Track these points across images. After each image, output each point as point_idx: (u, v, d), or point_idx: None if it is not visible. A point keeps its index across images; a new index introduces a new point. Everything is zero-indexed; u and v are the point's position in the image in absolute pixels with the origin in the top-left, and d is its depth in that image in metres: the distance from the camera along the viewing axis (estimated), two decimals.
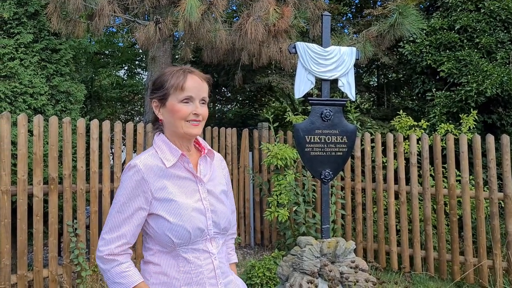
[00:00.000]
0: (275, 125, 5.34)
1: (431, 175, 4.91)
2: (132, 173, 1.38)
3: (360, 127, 5.81)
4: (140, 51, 10.41)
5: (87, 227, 4.64)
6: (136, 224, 1.39)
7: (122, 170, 4.82)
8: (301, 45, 3.41)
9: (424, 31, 5.99)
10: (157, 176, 1.40)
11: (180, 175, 1.45)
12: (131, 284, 1.36)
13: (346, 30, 7.46)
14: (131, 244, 1.41)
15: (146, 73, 8.00)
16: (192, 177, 1.47)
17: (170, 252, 1.41)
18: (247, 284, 4.30)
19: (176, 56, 8.49)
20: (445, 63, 5.76)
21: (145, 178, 1.38)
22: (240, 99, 9.99)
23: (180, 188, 1.43)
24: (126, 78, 11.59)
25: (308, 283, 2.74)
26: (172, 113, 1.42)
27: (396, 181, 4.89)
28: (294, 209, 4.78)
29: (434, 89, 5.95)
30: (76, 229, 4.13)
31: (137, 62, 11.14)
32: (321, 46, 3.48)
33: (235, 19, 6.93)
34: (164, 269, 1.41)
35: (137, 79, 11.88)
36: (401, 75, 7.94)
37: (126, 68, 11.38)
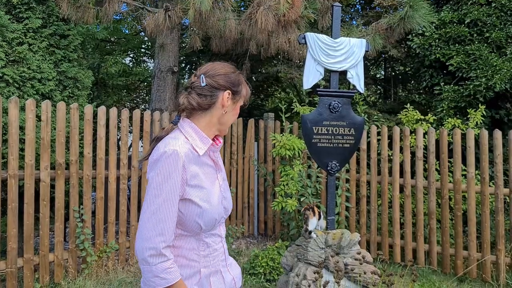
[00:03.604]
0: (283, 116, 5.35)
1: (436, 169, 4.91)
2: (172, 160, 1.35)
3: (367, 120, 5.79)
4: (146, 38, 10.36)
5: (93, 213, 4.67)
6: (176, 213, 1.38)
7: (129, 157, 4.87)
8: (310, 36, 3.40)
9: (434, 25, 5.93)
10: (191, 163, 1.40)
11: (207, 162, 1.49)
12: (174, 280, 1.35)
13: (354, 22, 7.41)
14: (174, 235, 1.39)
15: (153, 61, 7.97)
16: (214, 165, 1.53)
17: (193, 236, 1.44)
18: (250, 273, 4.34)
19: (183, 44, 8.46)
20: (454, 57, 5.72)
21: (184, 165, 1.37)
22: None
23: (206, 176, 1.46)
24: (131, 66, 11.56)
25: (314, 273, 2.76)
26: (234, 113, 1.55)
27: (402, 174, 4.89)
28: (301, 200, 4.79)
29: (442, 83, 5.91)
30: (82, 214, 4.16)
31: (142, 50, 11.10)
32: (331, 37, 3.46)
33: (242, 8, 6.89)
34: (183, 252, 1.44)
35: (142, 66, 11.84)
36: (409, 68, 7.88)
37: (132, 55, 11.34)
